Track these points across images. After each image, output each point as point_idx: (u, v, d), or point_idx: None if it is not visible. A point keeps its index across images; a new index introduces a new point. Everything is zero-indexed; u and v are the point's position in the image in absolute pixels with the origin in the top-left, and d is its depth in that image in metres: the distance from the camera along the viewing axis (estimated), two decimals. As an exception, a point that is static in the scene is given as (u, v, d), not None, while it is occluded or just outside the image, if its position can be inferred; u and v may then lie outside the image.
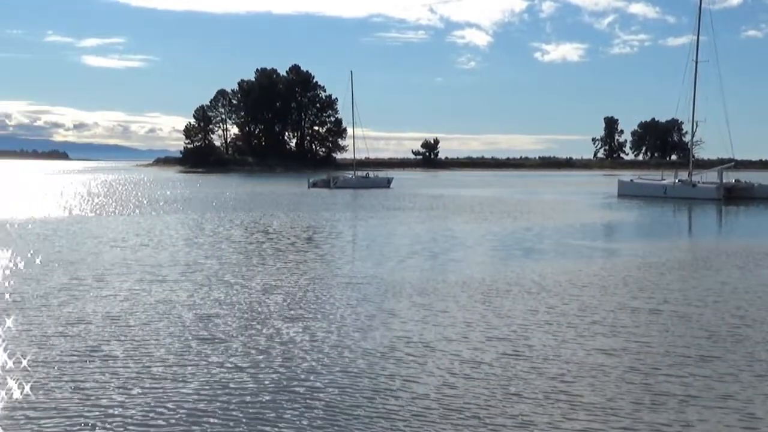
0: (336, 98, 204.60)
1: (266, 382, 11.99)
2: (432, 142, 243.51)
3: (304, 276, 22.68)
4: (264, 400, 11.21)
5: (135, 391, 11.52)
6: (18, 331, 15.16)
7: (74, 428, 10.07)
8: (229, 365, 12.96)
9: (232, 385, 11.84)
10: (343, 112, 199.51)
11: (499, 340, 14.82)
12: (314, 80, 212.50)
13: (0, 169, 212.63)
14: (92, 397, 11.19)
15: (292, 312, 17.33)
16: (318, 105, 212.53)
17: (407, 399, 11.23)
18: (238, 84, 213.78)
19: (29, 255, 26.53)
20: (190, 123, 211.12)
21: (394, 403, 11.04)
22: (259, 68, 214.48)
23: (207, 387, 11.73)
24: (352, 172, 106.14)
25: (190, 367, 12.76)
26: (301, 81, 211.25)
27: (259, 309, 17.65)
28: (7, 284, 20.65)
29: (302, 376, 12.31)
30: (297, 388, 11.69)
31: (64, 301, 18.30)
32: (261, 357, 13.47)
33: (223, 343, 14.40)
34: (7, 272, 22.77)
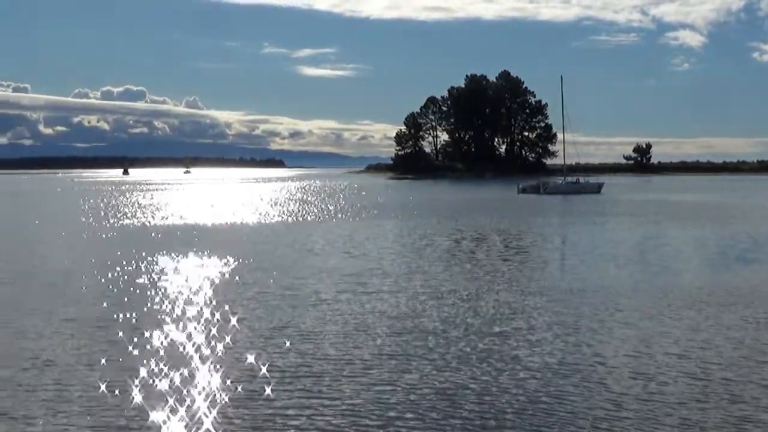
0: (546, 103, 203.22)
1: (440, 400, 12.06)
2: (644, 146, 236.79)
3: (505, 286, 22.65)
4: (439, 415, 11.30)
5: (328, 404, 11.84)
6: (214, 341, 15.84)
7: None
8: (418, 379, 13.10)
9: (423, 400, 11.98)
10: (553, 116, 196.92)
11: (684, 358, 14.25)
12: (524, 85, 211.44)
13: (220, 177, 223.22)
14: (297, 410, 11.60)
15: (485, 325, 17.26)
16: (528, 110, 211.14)
17: (572, 420, 11.03)
18: (448, 91, 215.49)
19: (239, 261, 27.77)
20: (400, 130, 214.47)
21: (556, 423, 10.89)
22: (468, 74, 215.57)
23: (398, 402, 11.89)
24: (562, 178, 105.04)
25: (380, 386, 12.87)
26: (510, 86, 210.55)
27: (456, 321, 17.66)
28: (214, 291, 21.59)
29: (484, 396, 12.30)
30: (464, 410, 11.69)
31: (262, 311, 19.06)
32: (446, 372, 13.53)
33: (417, 357, 14.50)
34: (219, 278, 23.86)
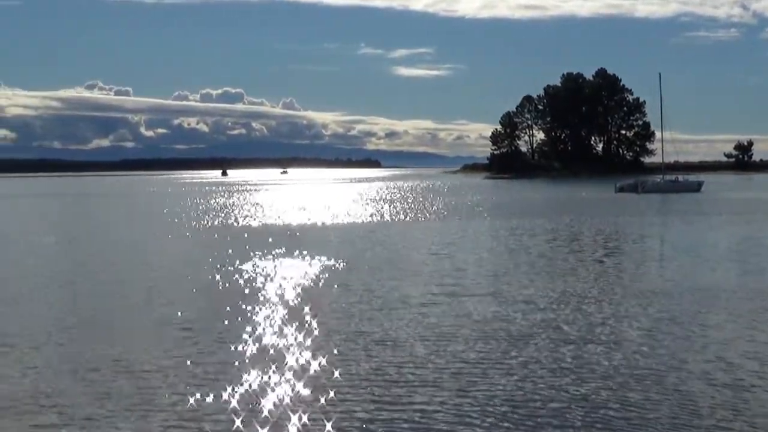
0: (644, 101, 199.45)
1: (516, 409, 11.94)
2: (746, 144, 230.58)
3: (596, 289, 22.26)
4: (514, 424, 11.19)
5: (402, 411, 11.82)
6: (299, 345, 15.99)
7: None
8: (496, 386, 12.99)
9: (499, 408, 11.87)
10: (651, 114, 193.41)
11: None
12: (621, 83, 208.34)
13: (317, 177, 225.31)
14: (372, 416, 11.66)
15: (572, 330, 16.95)
16: (625, 108, 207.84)
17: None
18: (544, 89, 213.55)
19: (331, 262, 27.84)
20: (496, 129, 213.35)
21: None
22: (564, 73, 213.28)
23: (472, 410, 11.80)
24: (661, 176, 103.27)
25: (456, 394, 12.86)
26: (607, 84, 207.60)
27: (542, 325, 17.37)
28: (304, 292, 21.74)
29: (560, 404, 12.15)
30: (540, 418, 11.56)
31: (348, 313, 19.08)
32: (525, 379, 13.37)
33: (499, 363, 14.33)
34: (310, 279, 24.00)
